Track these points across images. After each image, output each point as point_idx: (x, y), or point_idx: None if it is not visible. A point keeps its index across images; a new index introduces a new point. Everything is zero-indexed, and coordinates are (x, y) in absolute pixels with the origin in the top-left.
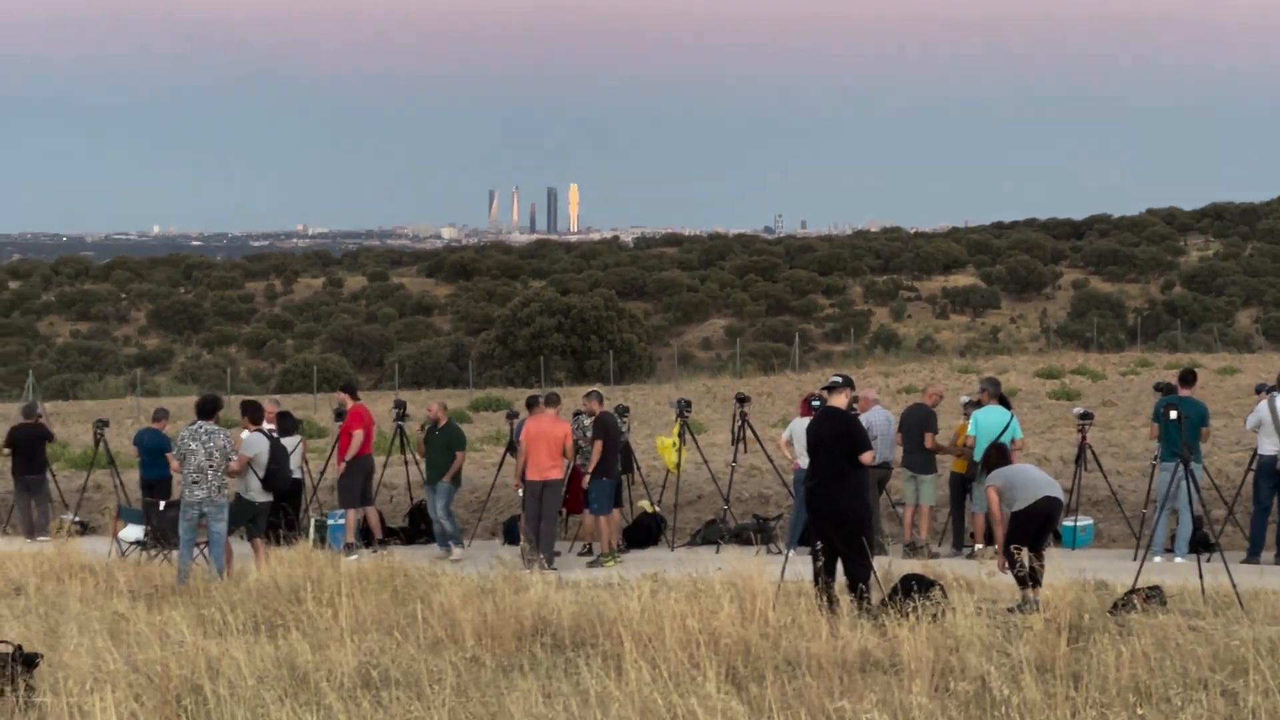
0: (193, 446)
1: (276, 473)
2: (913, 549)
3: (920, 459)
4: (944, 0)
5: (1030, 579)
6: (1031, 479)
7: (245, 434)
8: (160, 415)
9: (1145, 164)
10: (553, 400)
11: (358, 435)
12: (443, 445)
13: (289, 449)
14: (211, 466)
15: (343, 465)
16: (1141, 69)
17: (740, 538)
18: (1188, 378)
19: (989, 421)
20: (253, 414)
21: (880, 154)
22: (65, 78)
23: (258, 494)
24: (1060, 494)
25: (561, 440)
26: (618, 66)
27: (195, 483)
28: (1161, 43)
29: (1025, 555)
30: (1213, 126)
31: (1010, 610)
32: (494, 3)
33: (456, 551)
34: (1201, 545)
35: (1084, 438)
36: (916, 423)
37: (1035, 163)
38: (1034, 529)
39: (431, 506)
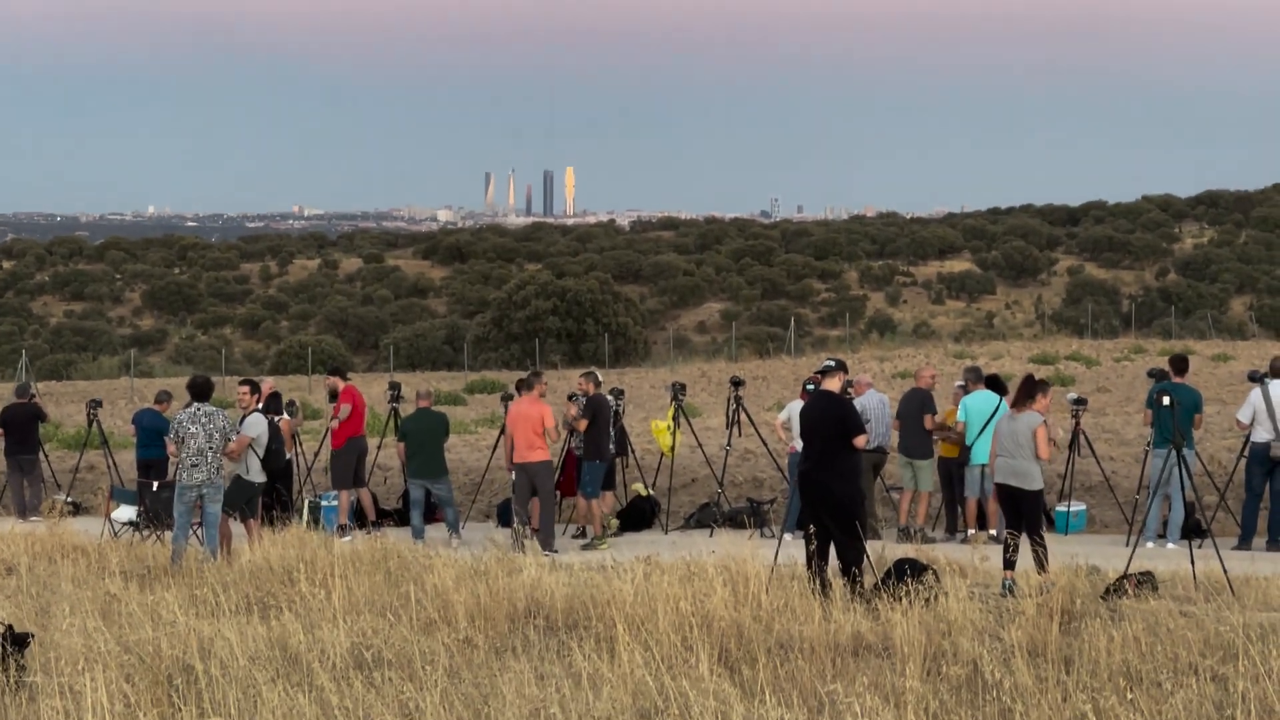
0: (192, 429)
1: (276, 453)
2: (906, 534)
3: (917, 444)
4: None
5: (1036, 564)
6: (1004, 456)
7: (250, 415)
8: (163, 397)
9: (1141, 151)
10: (530, 382)
11: (345, 408)
12: None
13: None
14: (211, 449)
15: (335, 425)
16: (1138, 56)
17: (734, 521)
18: (1179, 364)
19: (978, 406)
20: (259, 393)
21: (877, 139)
22: (59, 55)
23: (256, 474)
24: (1024, 484)
25: (539, 421)
26: (615, 49)
27: (195, 465)
28: (1159, 31)
29: (1009, 536)
30: (1208, 114)
31: (1001, 594)
32: (490, 4)
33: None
34: (1193, 531)
35: (1078, 423)
36: (914, 407)
37: (1032, 149)
38: (1006, 506)
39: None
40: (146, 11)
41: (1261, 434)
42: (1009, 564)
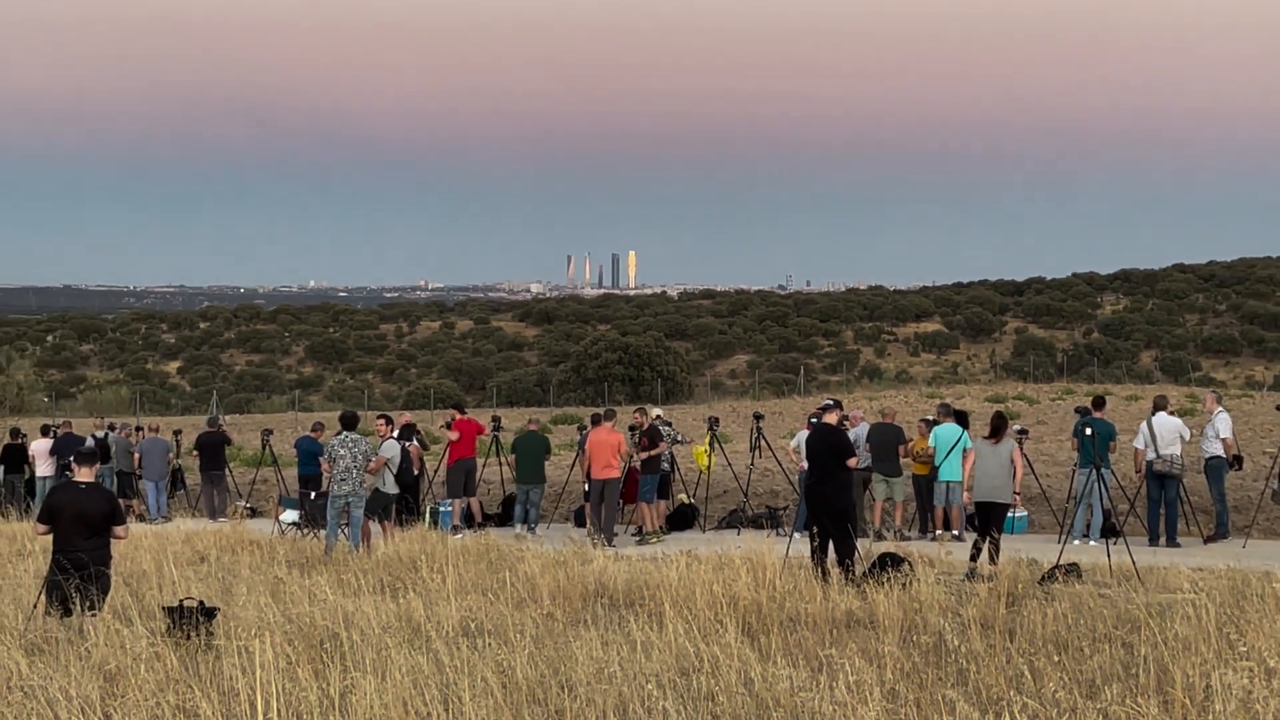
0: (341, 452)
1: (406, 470)
2: (879, 535)
3: (890, 465)
4: (907, 131)
5: (989, 558)
6: (988, 478)
7: (386, 442)
8: (317, 427)
9: (1072, 237)
10: (609, 415)
11: (452, 434)
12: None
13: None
14: (356, 467)
15: (453, 438)
16: (1072, 162)
17: (756, 523)
18: (1099, 402)
19: (945, 435)
20: (393, 424)
21: (869, 228)
22: (246, 161)
23: (391, 487)
24: (1005, 499)
25: (616, 446)
26: (668, 168)
27: (343, 480)
28: (1099, 140)
29: (973, 538)
30: (1124, 209)
31: (962, 580)
32: (571, 124)
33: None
34: (1109, 532)
35: (1021, 448)
36: (889, 438)
37: (988, 235)
38: (981, 517)
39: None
40: (307, 133)
41: (1150, 455)
42: (974, 557)
